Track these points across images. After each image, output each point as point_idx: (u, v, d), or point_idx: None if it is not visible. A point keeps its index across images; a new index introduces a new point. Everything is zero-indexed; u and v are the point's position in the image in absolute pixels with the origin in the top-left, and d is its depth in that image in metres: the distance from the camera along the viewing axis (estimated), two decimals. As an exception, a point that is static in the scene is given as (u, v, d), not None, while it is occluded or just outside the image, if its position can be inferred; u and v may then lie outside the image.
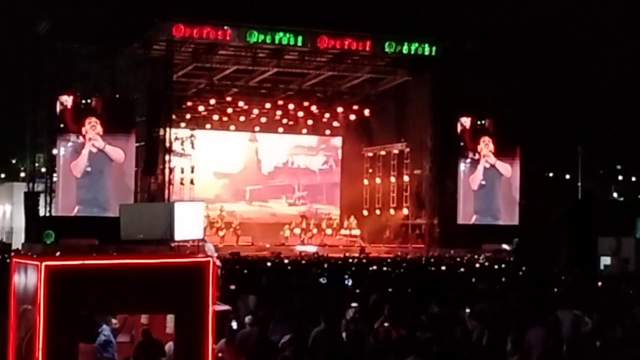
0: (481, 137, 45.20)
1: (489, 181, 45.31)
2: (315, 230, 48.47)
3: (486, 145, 45.18)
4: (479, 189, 45.17)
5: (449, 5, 44.45)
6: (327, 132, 51.74)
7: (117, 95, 39.99)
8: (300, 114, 49.32)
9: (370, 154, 51.80)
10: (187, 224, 14.90)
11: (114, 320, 12.51)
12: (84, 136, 39.16)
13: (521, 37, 44.34)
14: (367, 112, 49.70)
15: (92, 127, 39.14)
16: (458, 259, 36.22)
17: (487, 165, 45.24)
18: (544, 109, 47.79)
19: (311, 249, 43.54)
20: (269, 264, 30.02)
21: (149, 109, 40.45)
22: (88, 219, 38.19)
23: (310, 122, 50.26)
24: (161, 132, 41.14)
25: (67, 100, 39.01)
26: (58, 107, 39.00)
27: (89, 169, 39.24)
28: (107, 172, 39.52)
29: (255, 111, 48.63)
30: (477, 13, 44.44)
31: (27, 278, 7.95)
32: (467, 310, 15.29)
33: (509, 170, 45.56)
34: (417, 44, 43.87)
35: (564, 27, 49.47)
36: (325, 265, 29.41)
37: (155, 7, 39.65)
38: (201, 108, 47.33)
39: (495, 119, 45.17)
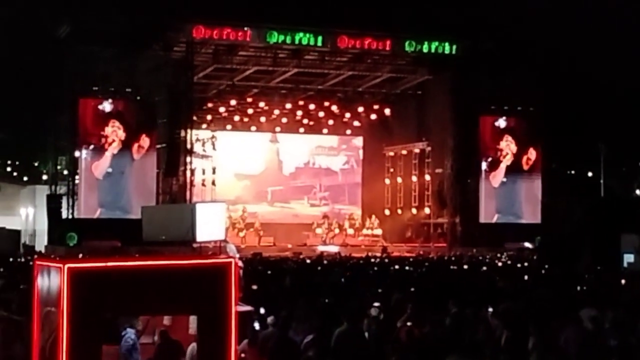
0: (502, 135, 45.16)
1: (510, 179, 45.22)
2: (337, 230, 48.34)
3: (507, 144, 45.14)
4: (501, 187, 45.09)
5: (469, 3, 44.32)
6: (348, 132, 51.67)
7: (138, 98, 40.12)
8: (321, 114, 49.27)
9: (392, 154, 51.68)
10: (209, 225, 14.94)
11: (139, 323, 12.51)
12: (106, 138, 39.38)
13: (542, 35, 44.17)
14: (387, 111, 49.61)
15: (115, 130, 39.40)
16: (480, 258, 36.19)
17: (509, 164, 45.17)
18: (565, 106, 47.54)
19: (333, 249, 43.47)
20: (291, 264, 30.06)
21: (170, 111, 40.60)
22: (110, 221, 38.35)
23: (331, 122, 50.19)
24: (182, 133, 41.24)
25: (89, 103, 39.28)
26: (80, 110, 39.27)
27: (109, 169, 39.44)
28: (129, 174, 39.68)
29: (276, 112, 48.61)
30: (497, 11, 44.25)
31: (50, 280, 7.99)
32: (490, 310, 15.24)
33: (531, 168, 45.46)
34: (437, 43, 43.78)
35: (584, 24, 49.21)
36: (348, 265, 29.41)
37: (175, 9, 39.75)
38: (222, 109, 47.37)
39: (517, 117, 45.17)
